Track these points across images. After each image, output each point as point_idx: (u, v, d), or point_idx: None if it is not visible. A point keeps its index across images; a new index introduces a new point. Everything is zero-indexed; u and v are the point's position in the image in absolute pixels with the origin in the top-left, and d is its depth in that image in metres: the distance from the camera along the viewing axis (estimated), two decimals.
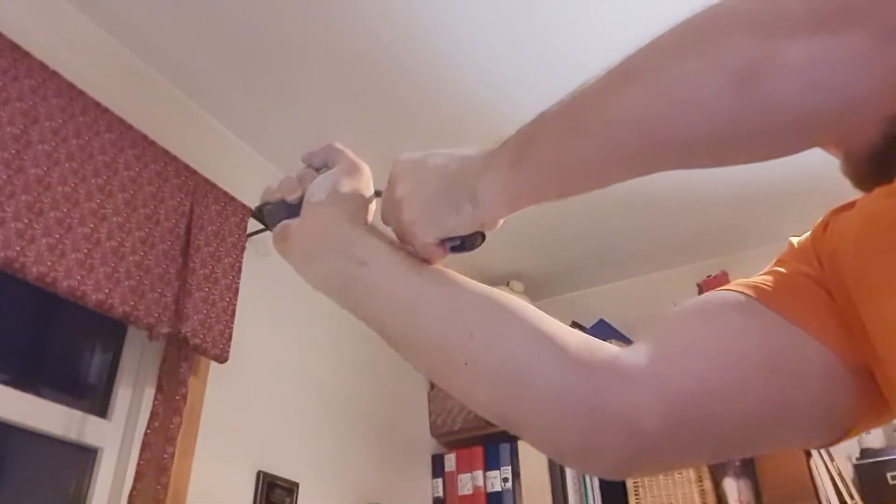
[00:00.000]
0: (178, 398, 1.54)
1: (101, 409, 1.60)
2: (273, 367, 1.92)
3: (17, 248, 1.29)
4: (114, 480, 1.54)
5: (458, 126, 2.00)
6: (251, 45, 1.79)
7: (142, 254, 1.54)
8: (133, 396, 1.64)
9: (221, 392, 1.73)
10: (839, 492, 1.94)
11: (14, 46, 1.41)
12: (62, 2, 1.64)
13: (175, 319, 1.57)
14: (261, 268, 1.88)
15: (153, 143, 1.66)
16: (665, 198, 2.28)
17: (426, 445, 2.54)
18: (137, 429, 1.56)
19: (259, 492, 1.76)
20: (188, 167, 1.74)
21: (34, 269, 1.31)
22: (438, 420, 2.55)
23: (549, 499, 2.27)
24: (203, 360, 1.68)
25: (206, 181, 1.78)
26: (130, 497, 1.42)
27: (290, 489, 1.85)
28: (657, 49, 0.42)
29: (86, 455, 1.54)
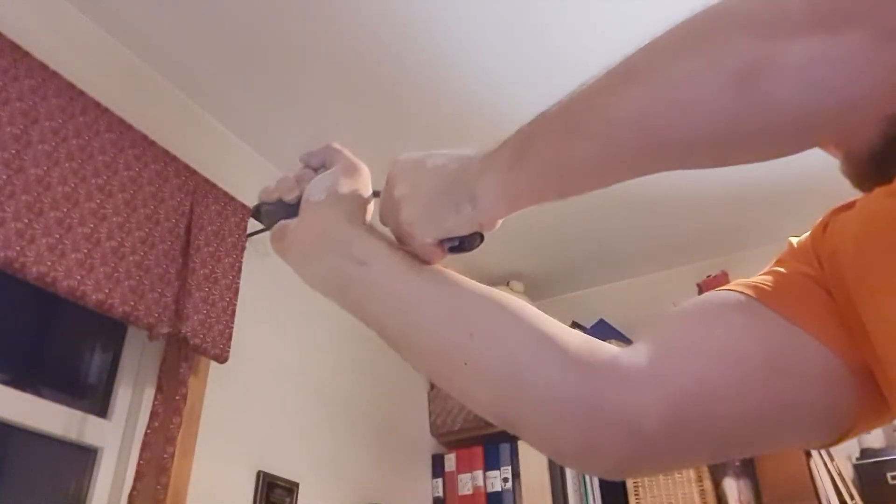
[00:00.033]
0: (178, 398, 1.54)
1: (101, 409, 1.60)
2: (273, 367, 1.92)
3: (17, 248, 1.29)
4: (114, 480, 1.54)
5: (458, 126, 2.00)
6: (251, 45, 1.79)
7: (142, 254, 1.54)
8: (133, 396, 1.64)
9: (221, 392, 1.73)
10: (839, 492, 1.94)
11: (14, 46, 1.41)
12: (62, 2, 1.64)
13: (175, 319, 1.57)
14: (261, 268, 1.88)
15: (153, 143, 1.66)
16: (665, 198, 2.28)
17: (426, 445, 2.54)
18: (137, 429, 1.56)
19: (259, 492, 1.76)
20: (188, 167, 1.74)
21: (34, 269, 1.31)
22: (438, 420, 2.55)
23: (549, 499, 2.27)
24: (203, 360, 1.68)
25: (206, 181, 1.78)
26: (130, 497, 1.42)
27: (290, 489, 1.85)
28: (657, 49, 0.42)
29: (86, 455, 1.54)
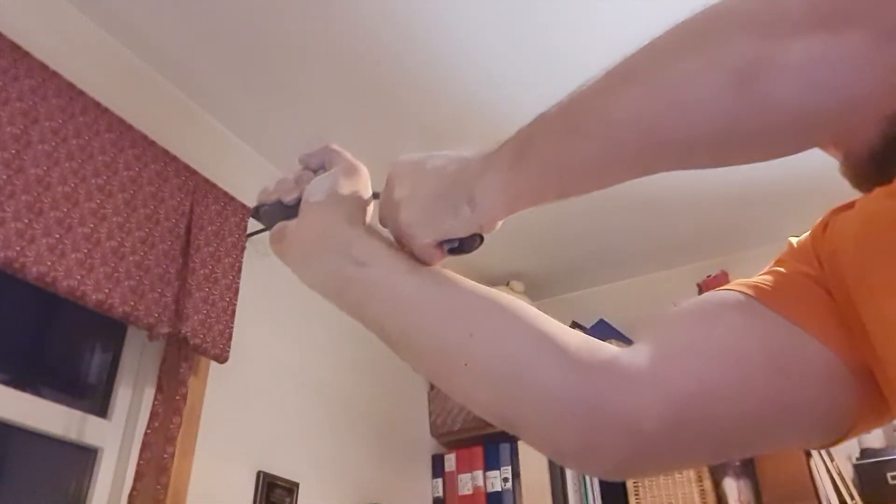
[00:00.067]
0: (178, 398, 1.54)
1: (101, 409, 1.60)
2: (273, 367, 1.92)
3: (17, 248, 1.29)
4: (114, 480, 1.54)
5: (458, 126, 2.00)
6: (251, 45, 1.78)
7: (142, 254, 1.54)
8: (133, 396, 1.64)
9: (221, 392, 1.73)
10: (839, 492, 1.94)
11: (14, 46, 1.41)
12: (62, 2, 1.64)
13: (175, 319, 1.57)
14: (261, 268, 1.88)
15: (153, 143, 1.66)
16: (665, 198, 2.28)
17: (426, 445, 2.54)
18: (137, 429, 1.56)
19: (259, 492, 1.76)
20: (188, 167, 1.74)
21: (34, 269, 1.31)
22: (438, 420, 2.55)
23: (549, 499, 2.27)
24: (203, 360, 1.68)
25: (206, 181, 1.78)
26: (130, 497, 1.42)
27: (290, 489, 1.85)
28: (657, 49, 0.42)
29: (86, 455, 1.54)
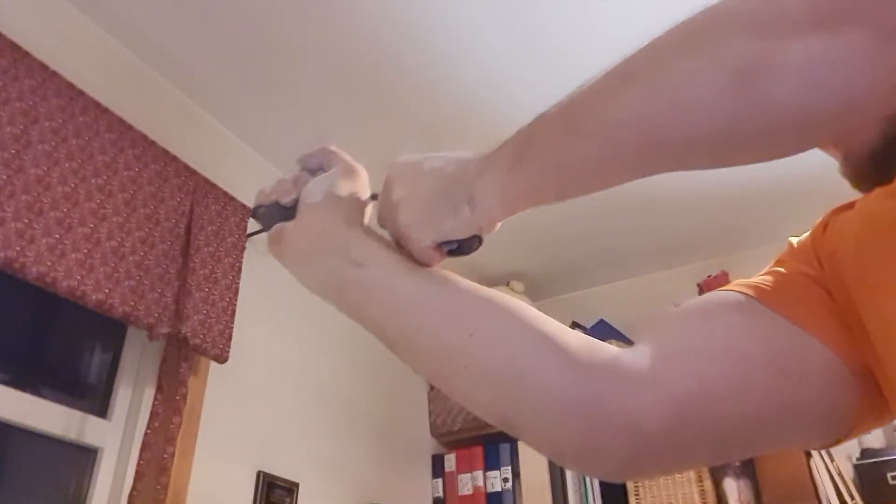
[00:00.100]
0: (178, 398, 1.54)
1: (101, 409, 1.60)
2: (273, 367, 1.92)
3: (17, 248, 1.29)
4: (114, 480, 1.54)
5: (458, 126, 2.00)
6: (251, 45, 1.78)
7: (142, 254, 1.54)
8: (133, 396, 1.64)
9: (221, 392, 1.73)
10: (839, 492, 1.94)
11: (14, 46, 1.41)
12: (62, 2, 1.64)
13: (175, 319, 1.57)
14: (261, 268, 1.88)
15: (153, 143, 1.66)
16: (665, 198, 2.28)
17: (426, 445, 2.54)
18: (137, 429, 1.56)
19: (259, 492, 1.76)
20: (188, 167, 1.74)
21: (34, 269, 1.31)
22: (438, 420, 2.55)
23: (549, 499, 2.27)
24: (203, 360, 1.68)
25: (206, 181, 1.78)
26: (130, 497, 1.42)
27: (290, 489, 1.85)
28: (656, 49, 0.42)
29: (86, 455, 1.54)
